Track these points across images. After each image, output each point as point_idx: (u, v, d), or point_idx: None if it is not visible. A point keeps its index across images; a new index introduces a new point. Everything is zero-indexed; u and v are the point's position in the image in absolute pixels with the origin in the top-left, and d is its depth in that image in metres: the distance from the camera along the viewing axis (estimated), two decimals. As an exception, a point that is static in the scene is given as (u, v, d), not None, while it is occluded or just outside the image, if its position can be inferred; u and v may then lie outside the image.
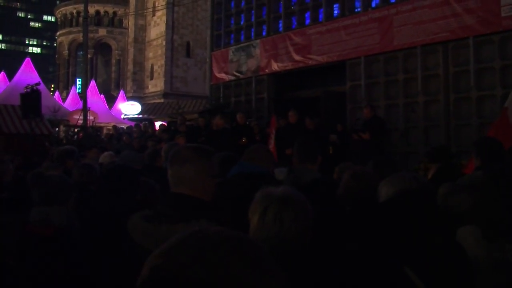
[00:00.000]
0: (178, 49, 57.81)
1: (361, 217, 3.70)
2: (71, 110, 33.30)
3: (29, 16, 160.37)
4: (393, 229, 2.96)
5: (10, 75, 36.92)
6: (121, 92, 45.73)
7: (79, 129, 25.09)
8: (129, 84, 61.21)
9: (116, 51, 63.07)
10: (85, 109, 24.38)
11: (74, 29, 62.85)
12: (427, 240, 2.81)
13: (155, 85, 58.76)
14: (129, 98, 47.94)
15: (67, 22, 64.90)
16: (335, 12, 18.34)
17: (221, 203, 3.72)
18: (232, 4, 23.04)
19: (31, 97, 19.69)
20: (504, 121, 9.20)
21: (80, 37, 53.48)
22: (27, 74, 32.83)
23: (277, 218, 2.68)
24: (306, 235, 2.75)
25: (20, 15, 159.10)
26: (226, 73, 22.60)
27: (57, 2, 69.10)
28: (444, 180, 4.38)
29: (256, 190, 2.93)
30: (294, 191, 2.88)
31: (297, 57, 19.00)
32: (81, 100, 30.12)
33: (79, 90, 47.11)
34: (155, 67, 59.17)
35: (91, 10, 56.64)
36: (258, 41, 21.08)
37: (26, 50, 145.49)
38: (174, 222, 2.71)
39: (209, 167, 3.10)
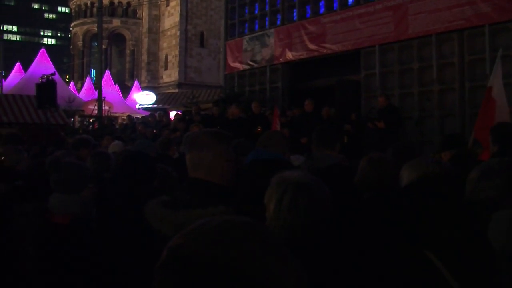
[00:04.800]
0: (192, 39, 57.83)
1: (379, 203, 3.69)
2: (86, 100, 33.46)
3: (43, 8, 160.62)
4: (415, 213, 2.95)
5: (26, 66, 37.21)
6: (136, 82, 45.93)
7: (94, 119, 25.18)
8: (144, 74, 61.36)
9: (130, 42, 63.18)
10: (100, 99, 24.48)
11: (89, 20, 62.99)
12: (449, 225, 2.80)
13: (170, 75, 58.86)
14: (144, 88, 48.07)
15: (81, 13, 65.05)
16: (350, 0, 18.29)
17: (238, 189, 3.72)
18: (246, -7, 23.03)
19: (47, 87, 19.74)
20: (488, 101, 9.09)
21: (94, 27, 53.55)
22: (42, 65, 33.10)
23: (293, 204, 2.67)
24: (324, 221, 2.74)
25: (34, 6, 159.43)
26: (241, 62, 22.61)
27: (71, -7, 69.48)
28: (459, 167, 4.36)
29: (272, 176, 2.93)
30: (310, 176, 2.87)
31: (311, 46, 18.98)
32: (95, 91, 30.24)
33: (94, 81, 47.26)
34: (169, 57, 59.25)
35: (105, 0, 56.72)
36: (272, 30, 21.06)
37: (41, 42, 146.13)
38: (192, 208, 2.70)
39: (228, 152, 3.08)
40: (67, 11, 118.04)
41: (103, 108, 25.17)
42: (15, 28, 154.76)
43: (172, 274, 1.19)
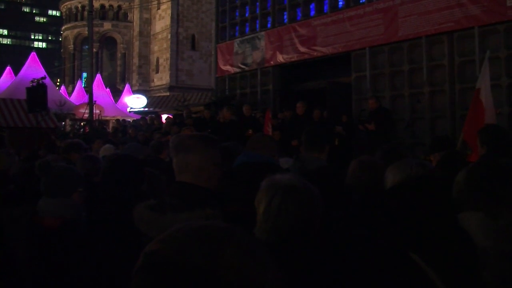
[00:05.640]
0: (183, 42, 57.81)
1: (368, 205, 3.70)
2: (77, 104, 33.41)
3: (34, 11, 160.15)
4: (398, 215, 2.96)
5: (16, 70, 37.07)
6: (127, 86, 45.87)
7: (85, 122, 25.14)
8: (135, 77, 61.29)
9: (121, 45, 63.07)
10: (91, 103, 24.43)
11: (79, 23, 62.87)
12: (433, 227, 2.82)
13: (161, 78, 58.82)
14: (135, 92, 48.04)
15: (72, 16, 64.90)
16: (340, 3, 18.35)
17: (226, 192, 3.73)
18: (237, -4, 23.05)
19: (37, 91, 19.76)
20: (477, 104, 9.11)
21: (85, 31, 53.44)
22: (33, 68, 32.97)
23: (282, 207, 2.67)
24: (314, 224, 2.75)
25: (25, 10, 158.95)
26: (232, 65, 22.61)
27: (62, -4, 69.30)
28: (449, 168, 4.38)
29: (262, 179, 2.93)
30: (300, 179, 2.87)
31: (302, 49, 19.00)
32: (86, 94, 30.19)
33: (85, 84, 47.20)
34: (161, 61, 59.21)
35: (96, 4, 56.64)
36: (263, 33, 21.08)
37: (32, 45, 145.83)
38: (179, 211, 2.71)
39: (214, 155, 3.10)
40: (58, 14, 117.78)
41: (94, 111, 25.10)
42: (5, 32, 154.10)
43: (147, 280, 1.19)
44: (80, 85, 43.13)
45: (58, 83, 66.13)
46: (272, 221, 2.67)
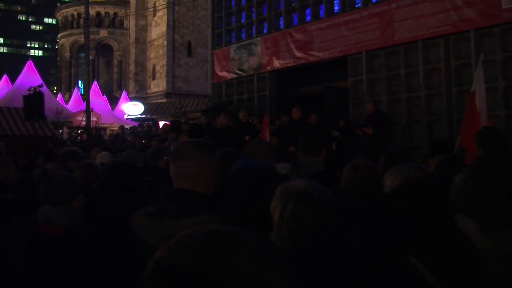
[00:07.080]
0: (179, 48, 57.78)
1: (364, 209, 3.70)
2: (74, 111, 33.37)
3: (30, 19, 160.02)
4: (397, 219, 2.97)
5: (13, 78, 37.04)
6: (124, 93, 45.81)
7: (82, 130, 25.13)
8: (131, 84, 61.22)
9: (118, 52, 63.05)
10: (88, 111, 24.42)
11: (75, 31, 62.86)
12: (432, 230, 2.82)
13: (157, 85, 58.77)
14: (132, 99, 47.96)
15: (68, 24, 64.89)
16: (336, 8, 18.37)
17: (224, 198, 3.73)
18: (233, 2, 23.07)
19: (34, 99, 19.75)
20: (472, 107, 9.12)
21: (81, 38, 53.48)
22: (30, 76, 32.96)
23: (295, 213, 2.68)
24: (328, 228, 2.75)
25: (21, 18, 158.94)
26: (228, 71, 22.63)
27: (58, 4, 69.17)
28: (447, 172, 4.38)
29: (259, 185, 2.94)
30: (314, 184, 2.87)
31: (298, 54, 19.03)
32: (83, 102, 30.17)
33: (82, 92, 47.15)
34: (157, 67, 59.16)
35: (92, 11, 56.65)
36: (259, 38, 21.11)
37: (28, 53, 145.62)
38: (177, 218, 2.72)
39: (212, 161, 3.09)
40: (53, 22, 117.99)
41: (91, 119, 25.11)
42: (1, 40, 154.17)
43: (158, 286, 1.20)
44: (77, 92, 43.03)
45: (54, 91, 65.99)
46: (286, 227, 2.69)
